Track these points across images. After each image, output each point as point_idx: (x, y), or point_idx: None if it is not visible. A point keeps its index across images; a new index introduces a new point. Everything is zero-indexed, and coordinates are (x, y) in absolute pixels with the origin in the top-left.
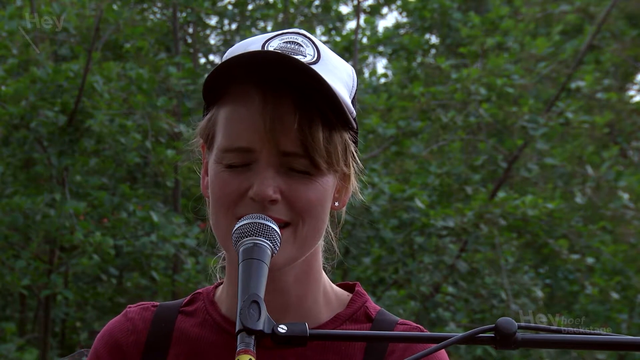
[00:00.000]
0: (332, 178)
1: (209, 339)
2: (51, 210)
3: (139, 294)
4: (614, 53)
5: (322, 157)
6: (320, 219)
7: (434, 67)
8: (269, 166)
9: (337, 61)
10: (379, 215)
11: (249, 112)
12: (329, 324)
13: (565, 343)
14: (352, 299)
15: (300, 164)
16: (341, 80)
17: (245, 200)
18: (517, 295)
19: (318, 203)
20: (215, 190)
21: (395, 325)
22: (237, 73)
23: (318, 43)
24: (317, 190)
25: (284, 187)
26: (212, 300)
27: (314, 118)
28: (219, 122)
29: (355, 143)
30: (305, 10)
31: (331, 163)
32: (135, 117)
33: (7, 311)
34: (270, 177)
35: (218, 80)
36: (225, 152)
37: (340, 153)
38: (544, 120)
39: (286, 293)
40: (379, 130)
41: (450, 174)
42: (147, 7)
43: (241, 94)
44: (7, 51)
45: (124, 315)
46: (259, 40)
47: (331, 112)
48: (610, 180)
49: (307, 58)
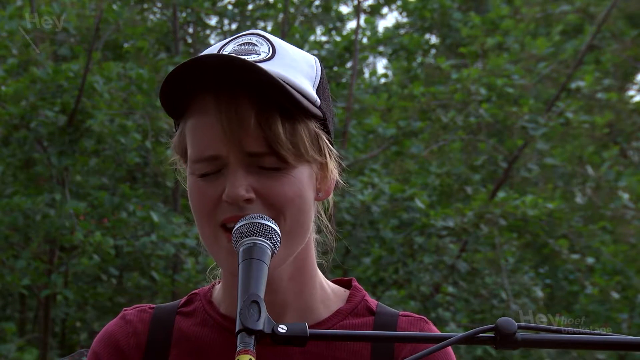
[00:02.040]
0: (308, 169)
1: (209, 338)
2: (51, 210)
3: (139, 294)
4: (614, 53)
5: (288, 150)
6: (301, 211)
7: (434, 67)
8: (238, 167)
9: (296, 54)
10: (379, 215)
11: (208, 120)
12: (331, 320)
13: (565, 343)
14: (350, 293)
15: (268, 162)
16: (301, 71)
17: (222, 204)
18: (517, 295)
19: (295, 196)
20: (194, 201)
21: (398, 317)
22: (189, 84)
23: (274, 40)
24: (292, 183)
25: (256, 186)
26: (210, 300)
27: (272, 113)
28: (187, 135)
29: (327, 132)
30: (305, 10)
31: (299, 154)
32: (135, 117)
33: (7, 311)
34: (240, 177)
35: (173, 93)
36: (196, 163)
37: (309, 143)
38: (544, 120)
39: (282, 291)
40: (379, 130)
41: (451, 174)
42: (147, 7)
43: (199, 103)
44: (7, 51)
45: (121, 318)
46: (216, 48)
47: (288, 104)
48: (610, 180)
49: (262, 55)
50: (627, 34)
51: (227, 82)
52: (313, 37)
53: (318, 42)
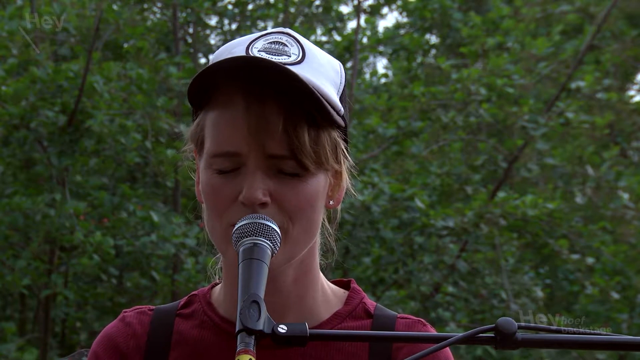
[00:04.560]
0: (324, 177)
1: (208, 340)
2: (51, 210)
3: (139, 294)
4: (614, 53)
5: (310, 158)
6: (311, 219)
7: (434, 67)
8: (257, 169)
9: (323, 58)
10: (379, 215)
11: (233, 117)
12: (329, 322)
13: (565, 343)
14: (349, 295)
15: (288, 166)
16: (327, 77)
17: (236, 205)
18: (517, 295)
19: (308, 205)
20: (208, 196)
21: (396, 320)
22: (219, 79)
23: (303, 41)
24: (307, 191)
25: (273, 190)
26: (209, 302)
27: (299, 120)
28: (207, 127)
29: (345, 140)
30: (305, 10)
31: (320, 163)
32: (135, 117)
33: (7, 311)
34: (259, 180)
35: (202, 85)
36: (214, 157)
37: (329, 152)
38: (544, 121)
39: (286, 293)
40: (379, 130)
41: (451, 174)
42: (147, 7)
43: (226, 99)
44: (7, 51)
45: (121, 320)
46: (244, 42)
47: (316, 113)
48: (610, 180)
49: (292, 58)
50: (627, 34)
51: (259, 82)
52: (313, 37)
53: (318, 42)
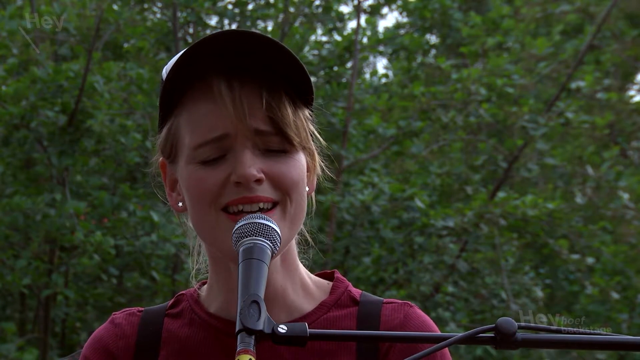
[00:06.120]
0: (304, 156)
1: (197, 337)
2: (51, 210)
3: (139, 294)
4: (614, 53)
5: (293, 131)
6: (302, 195)
7: (434, 67)
8: (245, 148)
9: None
10: (379, 215)
11: (215, 102)
12: (315, 313)
13: (565, 343)
14: (333, 285)
15: (274, 143)
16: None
17: (228, 187)
18: (517, 295)
19: (300, 179)
20: (193, 188)
21: (382, 305)
22: (200, 64)
23: None
24: (297, 167)
25: (264, 167)
26: (197, 300)
27: (281, 96)
28: (183, 126)
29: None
30: (305, 10)
31: (301, 138)
32: (135, 117)
33: (7, 311)
34: (249, 158)
35: (179, 78)
36: (199, 148)
37: (307, 129)
38: (544, 120)
39: (270, 285)
40: (379, 130)
41: (451, 174)
42: (147, 7)
43: (203, 89)
44: (7, 51)
45: (110, 322)
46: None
47: (297, 85)
48: (610, 180)
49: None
50: (627, 34)
51: (247, 54)
52: (313, 37)
53: (318, 42)
